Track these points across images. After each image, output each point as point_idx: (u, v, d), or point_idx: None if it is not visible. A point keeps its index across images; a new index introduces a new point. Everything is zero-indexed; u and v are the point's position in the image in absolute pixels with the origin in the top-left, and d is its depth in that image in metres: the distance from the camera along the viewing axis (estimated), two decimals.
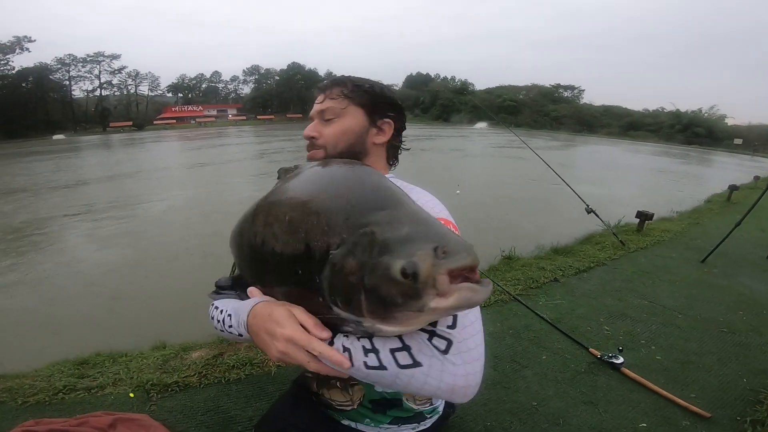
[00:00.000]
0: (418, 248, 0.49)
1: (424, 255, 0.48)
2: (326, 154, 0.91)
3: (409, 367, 0.60)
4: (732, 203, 7.33)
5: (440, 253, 0.48)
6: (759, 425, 1.58)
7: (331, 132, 0.91)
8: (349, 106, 0.91)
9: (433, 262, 0.48)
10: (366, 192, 0.62)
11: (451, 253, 0.49)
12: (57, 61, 51.23)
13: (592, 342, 2.18)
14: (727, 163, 22.81)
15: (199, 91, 66.53)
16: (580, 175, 12.50)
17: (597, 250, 3.94)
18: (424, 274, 0.48)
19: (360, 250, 0.53)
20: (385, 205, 0.58)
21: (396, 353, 0.61)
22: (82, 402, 1.73)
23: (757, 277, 3.39)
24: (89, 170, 14.87)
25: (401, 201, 0.60)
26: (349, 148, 0.91)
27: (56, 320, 3.63)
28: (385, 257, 0.51)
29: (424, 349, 0.61)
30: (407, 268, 0.48)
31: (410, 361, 0.60)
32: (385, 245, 0.52)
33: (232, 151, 20.72)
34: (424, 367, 0.60)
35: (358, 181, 0.67)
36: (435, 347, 0.61)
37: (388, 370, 0.61)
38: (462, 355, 0.61)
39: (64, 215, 7.78)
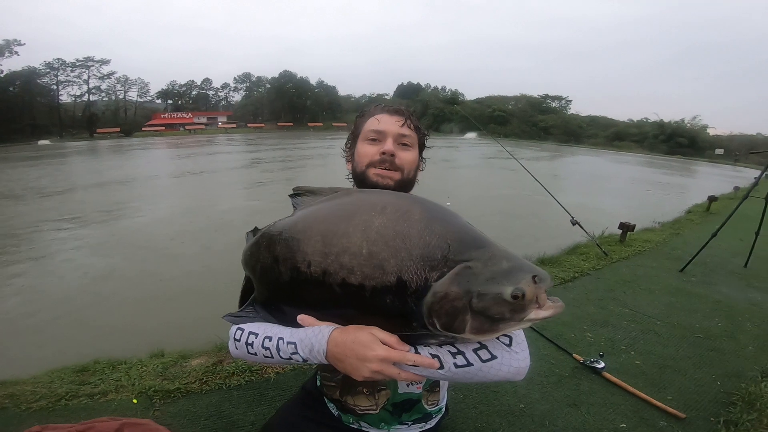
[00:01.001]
0: (522, 277, 0.66)
1: (527, 282, 0.66)
2: (402, 177, 0.97)
3: (489, 360, 0.75)
4: (711, 213, 7.58)
5: (537, 279, 0.67)
6: (732, 425, 1.69)
7: (409, 158, 0.98)
8: (418, 141, 1.02)
9: (535, 286, 0.66)
10: (458, 231, 0.74)
11: (543, 280, 0.67)
12: (45, 65, 50.78)
13: (575, 348, 2.30)
14: (709, 173, 23.44)
15: (189, 98, 66.15)
16: (566, 186, 12.78)
17: (581, 261, 4.08)
18: (529, 295, 0.66)
19: (464, 281, 0.68)
20: (479, 244, 0.72)
21: (478, 351, 0.75)
22: (86, 408, 1.78)
23: (734, 285, 3.55)
24: (77, 177, 14.72)
25: (489, 240, 0.75)
26: (413, 177, 1.02)
27: (51, 328, 3.63)
28: (493, 285, 0.67)
29: (497, 345, 0.77)
30: (517, 292, 0.65)
31: (490, 356, 0.76)
32: (492, 276, 0.67)
33: (223, 159, 20.65)
34: (499, 359, 0.76)
35: (442, 219, 0.76)
36: (503, 343, 0.77)
37: (474, 366, 0.75)
38: (519, 345, 0.78)
39: (53, 221, 7.72)
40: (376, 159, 0.95)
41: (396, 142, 0.97)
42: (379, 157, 0.95)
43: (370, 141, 0.98)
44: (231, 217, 7.99)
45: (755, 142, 37.91)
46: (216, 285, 4.54)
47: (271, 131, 55.98)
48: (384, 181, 0.95)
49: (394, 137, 0.97)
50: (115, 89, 57.51)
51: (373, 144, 0.97)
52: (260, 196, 10.34)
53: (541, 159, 24.34)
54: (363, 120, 1.01)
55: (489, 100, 62.99)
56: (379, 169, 0.95)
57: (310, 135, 48.03)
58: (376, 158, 0.95)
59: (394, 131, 0.97)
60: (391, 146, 0.95)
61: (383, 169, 0.95)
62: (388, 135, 0.97)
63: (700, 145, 43.04)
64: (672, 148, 42.25)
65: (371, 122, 0.99)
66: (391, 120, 0.97)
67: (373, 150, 0.96)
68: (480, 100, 64.54)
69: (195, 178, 14.25)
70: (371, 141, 0.98)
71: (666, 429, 1.69)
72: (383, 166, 0.95)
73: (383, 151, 0.95)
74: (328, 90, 70.79)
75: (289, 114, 64.57)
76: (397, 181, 0.96)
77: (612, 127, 52.59)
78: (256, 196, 10.36)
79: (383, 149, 0.95)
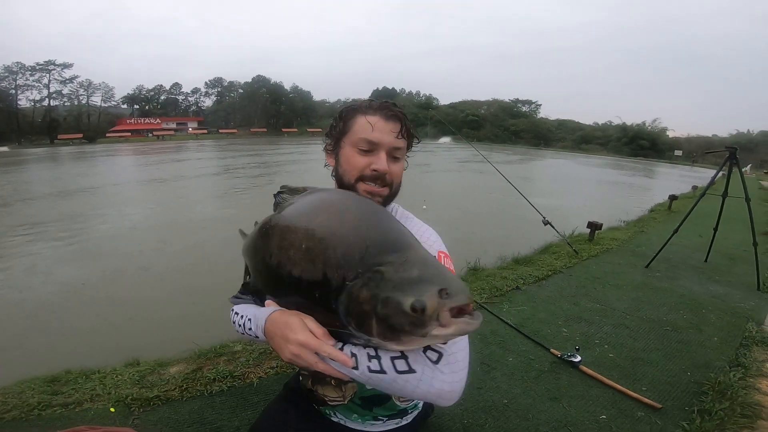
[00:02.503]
0: (425, 290, 0.63)
1: (430, 295, 0.62)
2: (390, 192, 0.94)
3: (405, 372, 0.71)
4: (672, 212, 7.97)
5: (444, 294, 0.62)
6: (706, 414, 1.76)
7: (398, 171, 0.94)
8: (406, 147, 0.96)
9: (438, 301, 0.62)
10: (380, 233, 0.74)
11: (452, 295, 0.63)
12: (4, 68, 48.55)
13: (552, 343, 2.37)
14: (669, 174, 24.62)
15: (157, 103, 64.24)
16: (537, 187, 13.14)
17: (553, 259, 4.21)
18: (430, 310, 0.62)
19: (374, 285, 0.66)
20: (397, 247, 0.71)
21: (395, 360, 0.71)
22: (61, 418, 1.70)
23: (696, 279, 3.75)
24: (39, 185, 14.04)
25: (411, 245, 0.73)
26: (400, 184, 0.97)
27: (15, 339, 3.45)
28: (397, 294, 0.64)
29: (419, 358, 0.72)
30: (416, 305, 0.62)
31: (406, 368, 0.71)
32: (399, 283, 0.65)
33: (193, 166, 20.15)
34: (417, 374, 0.71)
35: (372, 221, 0.77)
36: (428, 358, 0.72)
37: (387, 375, 0.71)
38: (450, 365, 0.72)
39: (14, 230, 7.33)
40: (368, 174, 0.90)
41: (389, 156, 0.90)
42: (371, 173, 0.89)
43: (361, 151, 0.90)
44: (201, 223, 7.81)
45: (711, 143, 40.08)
46: (188, 293, 4.44)
47: (243, 137, 54.99)
48: (374, 199, 0.92)
49: (388, 151, 0.90)
50: (77, 94, 55.40)
51: (364, 155, 0.90)
52: (231, 203, 10.17)
53: (512, 162, 24.94)
54: (354, 118, 0.92)
55: (462, 105, 64.18)
56: (369, 186, 0.91)
57: (285, 141, 47.52)
58: (367, 173, 0.90)
59: (389, 143, 0.89)
60: (384, 164, 0.89)
61: (373, 187, 0.91)
62: (381, 148, 0.89)
63: (660, 147, 45.19)
64: (635, 151, 44.19)
65: (363, 126, 0.89)
66: (386, 128, 0.89)
67: (363, 162, 0.90)
68: (454, 104, 65.68)
69: (162, 185, 13.85)
70: (362, 151, 0.90)
71: (644, 419, 1.76)
72: (374, 183, 0.91)
73: (375, 169, 0.89)
74: (303, 95, 70.23)
75: (262, 119, 63.74)
76: (385, 197, 0.94)
77: (579, 131, 54.57)
78: (226, 204, 10.17)
79: (376, 167, 0.89)
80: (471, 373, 2.08)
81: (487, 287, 3.30)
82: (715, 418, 1.73)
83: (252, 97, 63.29)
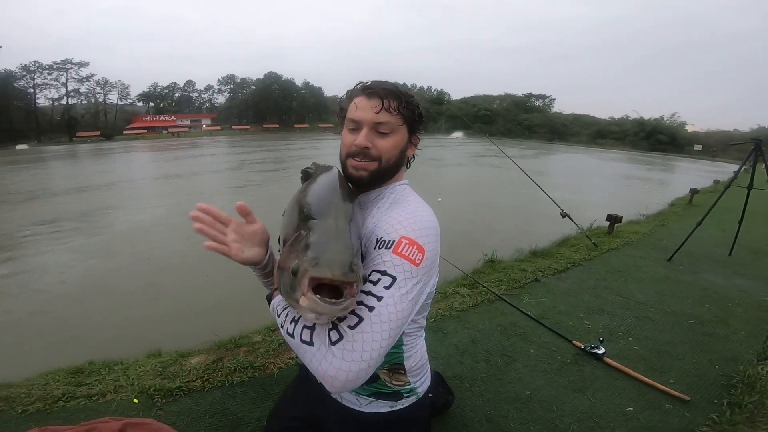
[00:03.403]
0: (306, 255, 0.66)
1: (305, 261, 0.65)
2: (379, 166, 0.94)
3: (306, 344, 0.75)
4: (693, 206, 7.76)
5: (312, 263, 0.64)
6: (736, 407, 1.72)
7: (387, 146, 0.93)
8: (403, 123, 0.95)
9: (306, 268, 0.64)
10: (315, 201, 0.83)
11: (318, 266, 0.64)
12: (22, 68, 49.38)
13: (574, 335, 2.33)
14: (689, 169, 24.02)
15: (171, 101, 65.00)
16: (553, 181, 12.95)
17: (572, 252, 4.14)
18: (299, 276, 0.65)
19: (296, 245, 0.73)
20: (318, 214, 0.77)
21: (303, 330, 0.77)
22: (85, 409, 1.73)
23: (720, 273, 3.65)
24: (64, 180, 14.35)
25: (327, 214, 0.77)
26: (397, 162, 0.97)
27: (40, 330, 3.53)
28: (293, 256, 0.70)
29: (321, 334, 0.75)
30: (294, 268, 0.66)
31: (308, 339, 0.76)
32: (300, 247, 0.71)
33: (210, 161, 20.40)
34: (314, 348, 0.75)
35: (319, 190, 0.88)
36: (329, 337, 0.74)
37: (294, 340, 0.77)
38: (344, 352, 0.72)
39: (37, 225, 7.51)
40: (353, 150, 0.93)
41: (373, 131, 0.92)
42: (354, 148, 0.93)
43: (350, 130, 0.95)
44: None
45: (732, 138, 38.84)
46: (208, 286, 4.49)
47: (256, 133, 55.42)
48: (358, 173, 0.94)
49: (369, 126, 0.92)
50: (94, 92, 56.24)
51: (351, 133, 0.94)
52: (248, 196, 10.24)
53: (526, 157, 24.61)
54: (348, 102, 0.98)
55: (474, 100, 63.52)
56: (355, 161, 0.94)
57: (297, 136, 47.71)
58: (352, 149, 0.93)
59: (369, 119, 0.92)
60: (363, 140, 0.91)
61: (358, 161, 0.93)
62: (363, 124, 0.92)
63: (679, 142, 43.98)
64: (652, 145, 43.13)
65: (351, 107, 0.95)
66: (368, 105, 0.92)
67: (350, 139, 0.94)
68: (466, 99, 65.02)
69: (181, 180, 14.03)
70: (351, 130, 0.95)
71: (672, 411, 1.72)
72: (359, 158, 0.93)
73: (356, 144, 0.92)
74: (314, 91, 70.31)
75: (274, 116, 64.04)
76: (372, 171, 0.94)
77: (594, 125, 53.45)
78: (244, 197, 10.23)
79: (356, 141, 0.92)
80: (492, 364, 2.05)
81: (506, 279, 3.26)
82: (745, 410, 1.69)
83: (264, 94, 63.60)
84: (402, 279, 0.79)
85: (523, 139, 50.10)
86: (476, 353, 2.15)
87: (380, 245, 0.82)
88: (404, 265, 0.79)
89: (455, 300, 2.84)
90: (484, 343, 2.26)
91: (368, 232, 0.88)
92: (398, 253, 0.80)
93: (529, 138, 50.98)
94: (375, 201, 0.97)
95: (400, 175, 1.02)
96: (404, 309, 0.78)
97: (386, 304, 0.76)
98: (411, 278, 0.80)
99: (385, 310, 0.75)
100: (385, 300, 0.76)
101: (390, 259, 0.79)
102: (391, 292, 0.77)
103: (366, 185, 0.97)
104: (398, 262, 0.79)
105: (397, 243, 0.81)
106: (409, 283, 0.79)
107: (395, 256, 0.80)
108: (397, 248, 0.80)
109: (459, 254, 3.67)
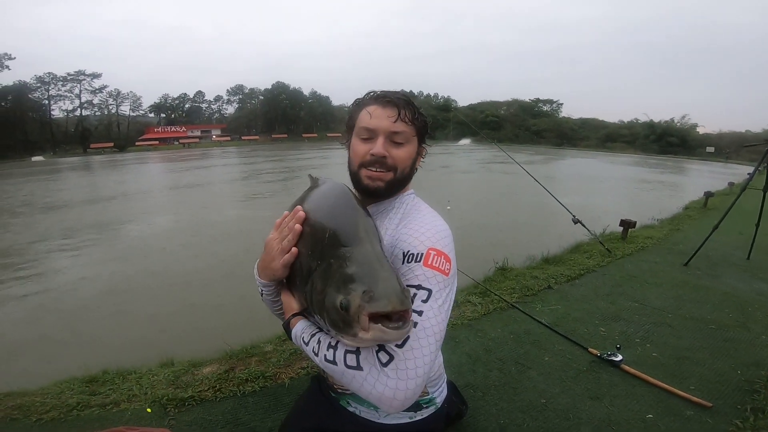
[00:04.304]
0: (353, 289, 0.63)
1: (355, 296, 0.62)
2: (394, 177, 0.94)
3: (353, 368, 0.74)
4: (708, 209, 7.63)
5: (366, 296, 0.62)
6: (759, 412, 1.67)
7: (402, 155, 0.94)
8: (415, 134, 0.97)
9: (360, 304, 0.62)
10: (339, 225, 0.76)
11: (375, 299, 0.62)
12: (36, 79, 50.49)
13: (590, 342, 2.28)
14: (702, 171, 23.67)
15: (182, 111, 66.13)
16: (563, 186, 12.84)
17: (585, 258, 4.08)
18: (352, 312, 0.62)
19: (325, 276, 0.69)
20: (348, 241, 0.72)
21: (347, 354, 0.75)
22: (99, 418, 1.74)
23: (739, 277, 3.56)
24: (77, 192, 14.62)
25: (361, 239, 0.73)
26: (410, 172, 0.98)
27: (55, 339, 3.58)
28: (333, 289, 0.66)
29: (370, 357, 0.74)
30: (343, 303, 0.63)
31: (355, 364, 0.74)
32: (339, 279, 0.66)
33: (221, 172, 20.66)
34: (364, 372, 0.73)
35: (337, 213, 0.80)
36: (378, 359, 0.73)
37: (338, 366, 0.75)
38: (399, 371, 0.72)
39: (54, 236, 7.64)
40: (368, 159, 0.92)
41: (388, 140, 0.92)
42: (370, 158, 0.92)
43: (362, 140, 0.94)
44: (231, 227, 7.96)
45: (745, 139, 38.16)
46: (220, 295, 4.51)
47: (265, 143, 55.98)
48: (375, 183, 0.93)
49: (385, 135, 0.91)
50: (107, 103, 57.43)
51: (365, 142, 0.93)
52: (259, 206, 10.33)
53: (535, 162, 24.49)
54: (357, 111, 0.96)
55: (481, 106, 63.41)
56: (370, 171, 0.92)
57: (305, 146, 48.10)
58: (367, 158, 0.92)
59: (385, 128, 0.91)
60: (381, 148, 0.90)
61: (374, 171, 0.92)
62: (379, 133, 0.91)
63: (690, 144, 43.40)
64: (663, 148, 42.62)
65: (364, 116, 0.94)
66: (383, 114, 0.91)
67: (364, 149, 0.92)
68: (473, 106, 64.93)
69: (193, 190, 14.21)
70: (363, 140, 0.93)
71: (693, 418, 1.67)
72: (374, 168, 0.92)
73: (373, 153, 0.91)
74: (322, 100, 70.95)
75: (282, 125, 64.64)
76: (388, 181, 0.94)
77: (603, 129, 53.01)
78: (255, 207, 10.34)
79: (373, 150, 0.91)
80: (505, 372, 2.02)
81: (518, 287, 3.22)
82: None
83: (272, 104, 64.28)
84: (437, 290, 0.80)
85: (530, 144, 49.86)
86: (489, 362, 2.12)
87: (409, 259, 0.82)
88: (436, 276, 0.80)
89: (467, 308, 2.80)
90: (497, 351, 2.22)
91: (389, 245, 0.88)
92: (429, 266, 0.81)
93: (537, 144, 50.70)
94: (385, 212, 0.97)
95: (409, 185, 1.04)
96: (443, 320, 0.80)
97: (428, 318, 0.77)
98: (444, 288, 0.81)
99: (428, 324, 0.76)
100: (425, 314, 0.77)
101: (422, 273, 0.80)
102: (429, 305, 0.78)
103: (382, 196, 0.97)
104: (430, 275, 0.80)
105: (426, 255, 0.82)
106: (443, 294, 0.81)
107: (426, 269, 0.80)
108: (427, 260, 0.81)
109: (469, 262, 3.63)
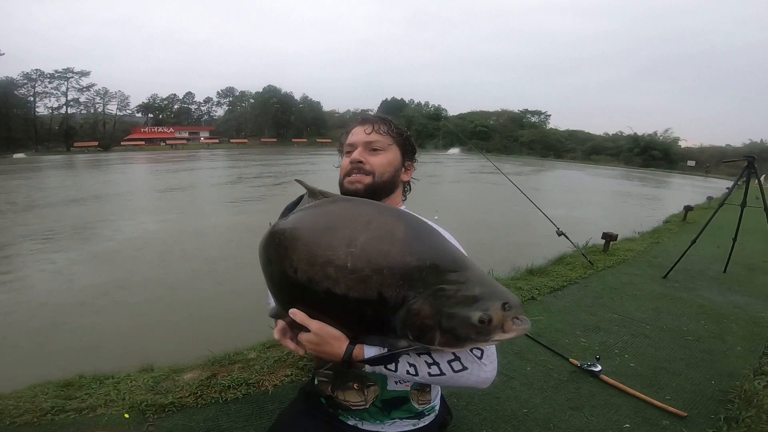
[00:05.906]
0: (491, 305, 0.72)
1: (496, 309, 0.72)
2: (373, 180, 1.02)
3: (461, 371, 0.85)
4: (688, 222, 7.83)
5: (506, 307, 0.73)
6: (733, 422, 1.72)
7: (379, 162, 1.04)
8: (393, 144, 1.07)
9: (503, 314, 0.73)
10: (436, 253, 0.77)
11: (513, 307, 0.74)
12: (23, 75, 49.61)
13: (571, 353, 2.32)
14: (683, 185, 24.30)
15: (170, 112, 65.29)
16: (549, 198, 13.05)
17: (568, 270, 4.14)
18: (495, 322, 0.72)
19: (438, 302, 0.73)
20: (455, 267, 0.76)
21: (451, 363, 0.85)
22: (75, 423, 1.69)
23: (715, 290, 3.66)
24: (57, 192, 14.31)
25: (466, 264, 0.78)
26: (390, 179, 1.06)
27: (30, 343, 3.48)
28: (463, 309, 0.72)
29: (469, 357, 0.86)
30: (484, 318, 0.72)
31: (461, 367, 0.85)
32: (464, 300, 0.73)
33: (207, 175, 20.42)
34: (469, 369, 0.86)
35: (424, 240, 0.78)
36: (474, 355, 0.87)
37: (446, 375, 0.85)
38: (489, 357, 0.88)
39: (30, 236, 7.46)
40: (349, 168, 1.04)
41: (366, 149, 1.03)
42: (350, 166, 1.03)
43: (346, 153, 1.07)
44: (215, 230, 7.88)
45: (725, 153, 39.40)
46: (200, 300, 4.45)
47: (254, 147, 55.62)
48: (354, 186, 1.02)
49: (362, 145, 1.04)
50: (94, 102, 56.58)
51: (347, 156, 1.06)
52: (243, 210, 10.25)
53: (522, 173, 24.83)
54: (345, 136, 1.10)
55: (471, 116, 64.15)
56: (351, 176, 1.03)
57: (294, 151, 47.93)
58: (348, 167, 1.04)
59: (361, 140, 1.04)
60: (356, 155, 1.02)
61: (354, 176, 1.03)
62: (357, 145, 1.04)
63: (672, 158, 44.58)
64: (646, 161, 43.66)
65: (347, 137, 1.08)
66: (360, 130, 1.05)
67: (346, 161, 1.05)
68: (463, 115, 65.63)
69: (177, 193, 14.02)
70: (347, 153, 1.06)
71: (669, 428, 1.71)
72: (354, 173, 1.03)
73: (351, 160, 1.03)
74: (313, 105, 70.83)
75: (273, 129, 64.40)
76: (367, 184, 1.02)
77: (589, 141, 54.10)
78: (240, 211, 10.26)
79: (350, 157, 1.03)
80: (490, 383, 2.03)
81: None
82: (742, 425, 1.69)
83: (263, 107, 64.01)
84: None
85: (518, 155, 50.54)
86: None
87: None
88: None
89: None
90: None
91: None
92: None
93: (525, 154, 51.41)
94: None
95: (397, 200, 1.11)
96: None
97: None
98: None
99: None
100: None
101: None
102: None
103: None
104: None
105: None
106: None
107: None
108: None
109: None
